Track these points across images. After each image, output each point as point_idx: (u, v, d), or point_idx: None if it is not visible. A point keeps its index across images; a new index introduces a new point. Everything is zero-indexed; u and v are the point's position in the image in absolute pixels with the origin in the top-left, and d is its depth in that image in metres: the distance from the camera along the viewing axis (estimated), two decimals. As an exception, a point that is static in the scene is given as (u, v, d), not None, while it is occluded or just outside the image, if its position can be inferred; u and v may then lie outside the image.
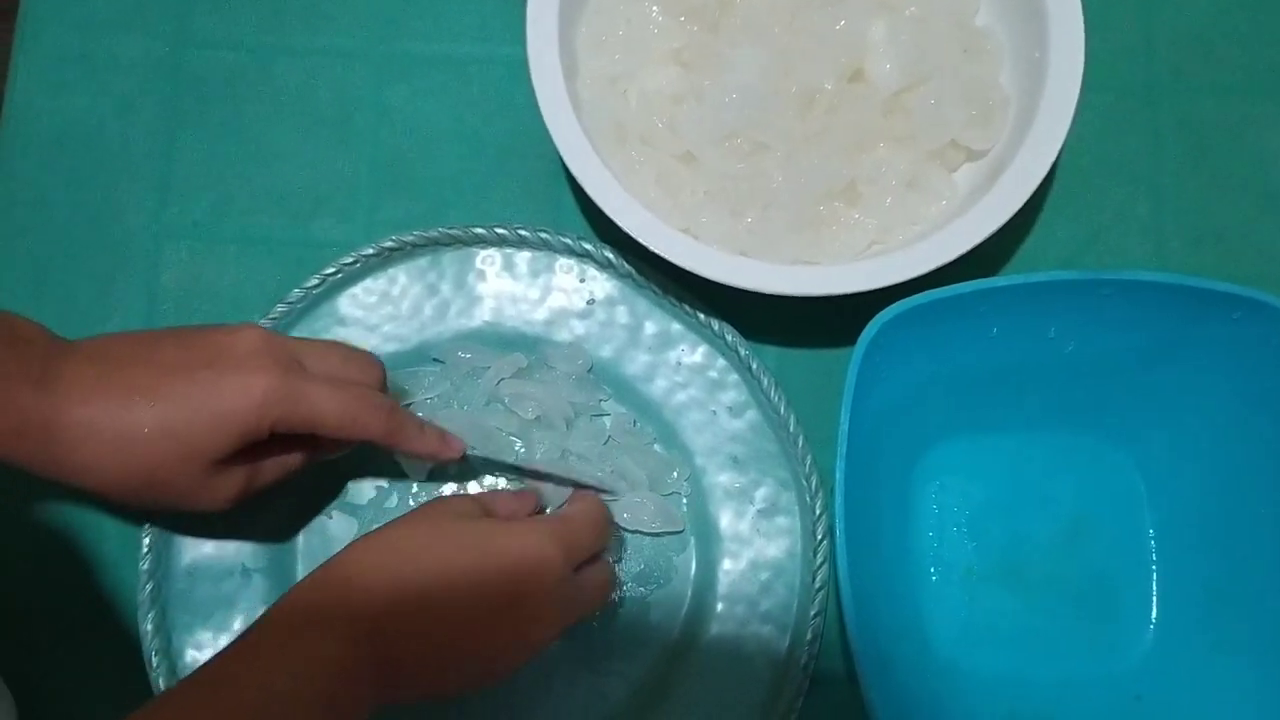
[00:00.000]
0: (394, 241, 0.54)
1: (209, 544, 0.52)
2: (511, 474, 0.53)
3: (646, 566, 0.53)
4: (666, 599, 0.52)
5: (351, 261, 0.54)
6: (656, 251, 0.49)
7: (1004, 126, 0.52)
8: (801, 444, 0.52)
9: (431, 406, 0.54)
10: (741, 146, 0.52)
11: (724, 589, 0.52)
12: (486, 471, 0.53)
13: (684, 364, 0.54)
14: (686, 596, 0.52)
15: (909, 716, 0.48)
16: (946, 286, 0.47)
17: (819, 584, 0.51)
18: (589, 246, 0.54)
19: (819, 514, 0.52)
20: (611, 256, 0.54)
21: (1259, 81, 0.59)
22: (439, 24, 0.59)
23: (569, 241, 0.54)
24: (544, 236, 0.54)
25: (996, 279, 0.47)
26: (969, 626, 0.52)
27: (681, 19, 0.53)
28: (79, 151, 0.57)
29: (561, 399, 0.53)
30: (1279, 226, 0.57)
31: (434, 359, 0.54)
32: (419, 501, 0.53)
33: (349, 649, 0.40)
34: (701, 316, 0.54)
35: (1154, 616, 0.53)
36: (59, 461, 0.43)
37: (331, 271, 0.54)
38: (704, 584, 0.52)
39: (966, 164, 0.54)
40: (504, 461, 0.52)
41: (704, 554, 0.53)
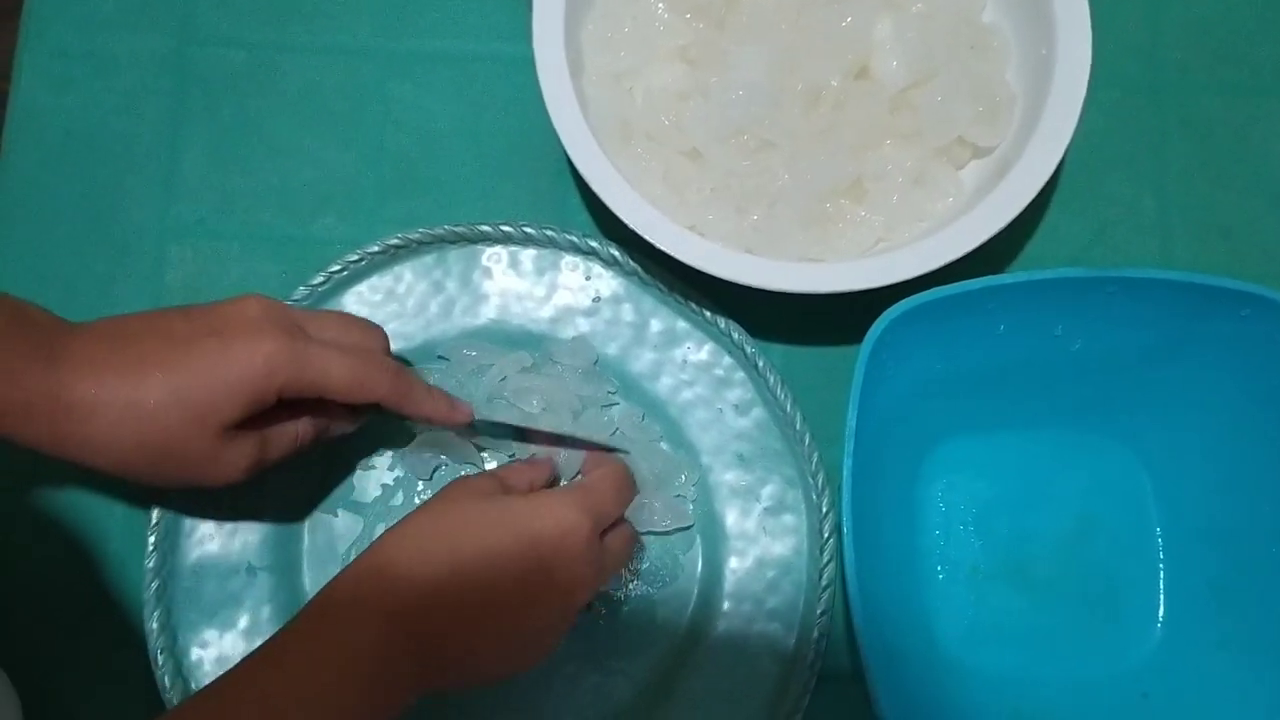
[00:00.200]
0: (399, 239, 0.54)
1: (214, 542, 0.52)
2: (520, 440, 0.52)
3: (653, 564, 0.53)
4: (672, 597, 0.52)
5: (357, 259, 0.54)
6: (662, 249, 0.48)
7: (1010, 123, 0.52)
8: (808, 442, 0.52)
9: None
10: (748, 143, 0.52)
11: (730, 587, 0.52)
12: (495, 438, 0.52)
13: (690, 362, 0.54)
14: (693, 594, 0.52)
15: (915, 714, 0.48)
16: (953, 284, 0.46)
17: (825, 582, 0.51)
18: (594, 244, 0.54)
19: (825, 512, 0.52)
20: (617, 254, 0.54)
21: (1265, 79, 0.59)
22: (444, 21, 0.59)
23: (574, 239, 0.54)
24: (549, 234, 0.54)
25: (1003, 276, 0.47)
26: (975, 624, 0.52)
27: (687, 16, 0.53)
28: (83, 149, 0.57)
29: (568, 392, 0.53)
30: (1285, 224, 0.57)
31: (439, 356, 0.54)
32: (424, 500, 0.53)
33: (389, 636, 0.41)
34: (707, 314, 0.54)
35: (1160, 614, 0.52)
36: (69, 438, 0.43)
37: (337, 269, 0.54)
38: (710, 582, 0.52)
39: (973, 161, 0.54)
40: (512, 425, 0.52)
41: (710, 552, 0.53)
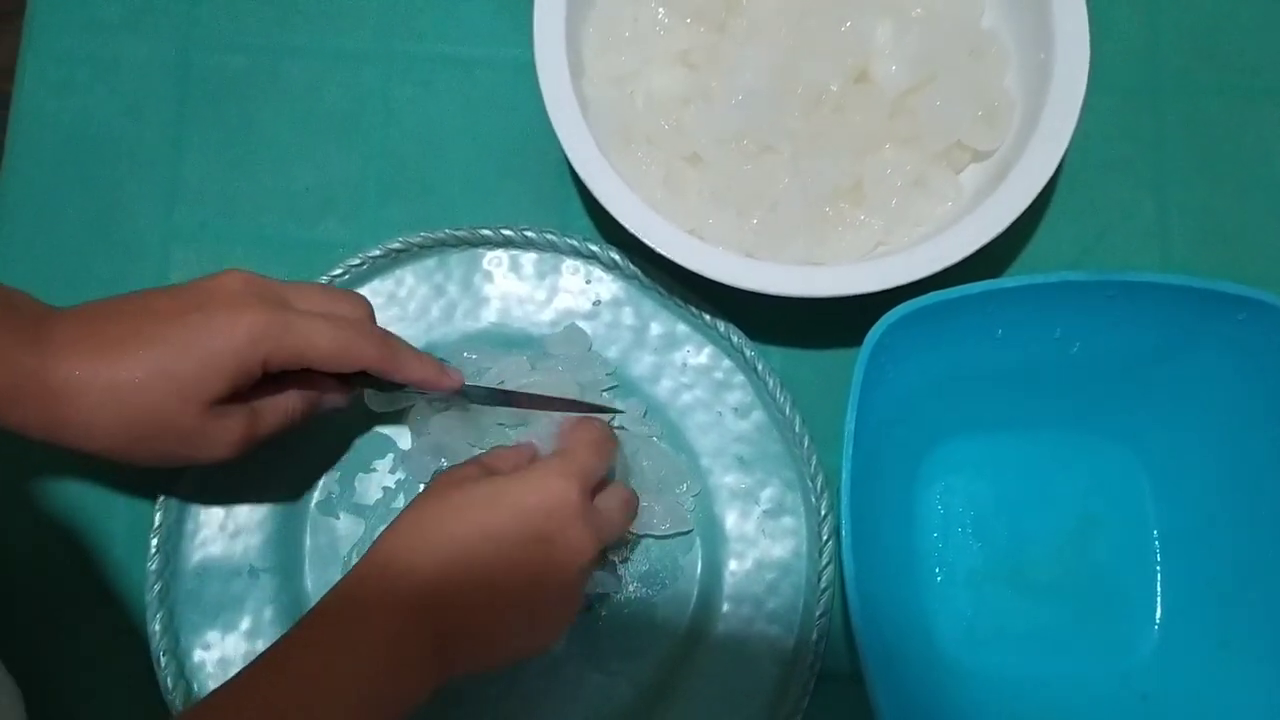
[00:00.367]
0: (401, 243, 0.55)
1: (217, 544, 0.52)
2: (506, 405, 0.52)
3: (652, 567, 0.53)
4: (672, 599, 0.52)
5: (359, 263, 0.54)
6: (662, 253, 0.49)
7: (1009, 127, 0.53)
8: (807, 444, 0.52)
9: (435, 406, 0.54)
10: (748, 147, 0.52)
11: (730, 589, 0.52)
12: (485, 404, 0.52)
13: (690, 365, 0.54)
14: (692, 597, 0.52)
15: (914, 715, 0.48)
16: (952, 287, 0.47)
17: (824, 584, 0.51)
18: (595, 248, 0.54)
19: (824, 514, 0.52)
20: (617, 258, 0.54)
21: (1264, 82, 0.59)
22: (446, 25, 0.59)
23: (575, 243, 0.55)
24: (550, 238, 0.55)
25: (1002, 280, 0.47)
26: (974, 626, 0.52)
27: (688, 20, 0.53)
28: (87, 153, 0.58)
29: (566, 381, 0.53)
30: (1283, 227, 0.57)
31: (440, 360, 0.54)
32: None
33: (400, 631, 0.41)
34: (707, 317, 0.54)
35: (1159, 616, 0.53)
36: (57, 420, 0.43)
37: (338, 273, 0.54)
38: (710, 584, 0.52)
39: (972, 165, 0.54)
40: (503, 389, 0.52)
41: (710, 554, 0.53)
